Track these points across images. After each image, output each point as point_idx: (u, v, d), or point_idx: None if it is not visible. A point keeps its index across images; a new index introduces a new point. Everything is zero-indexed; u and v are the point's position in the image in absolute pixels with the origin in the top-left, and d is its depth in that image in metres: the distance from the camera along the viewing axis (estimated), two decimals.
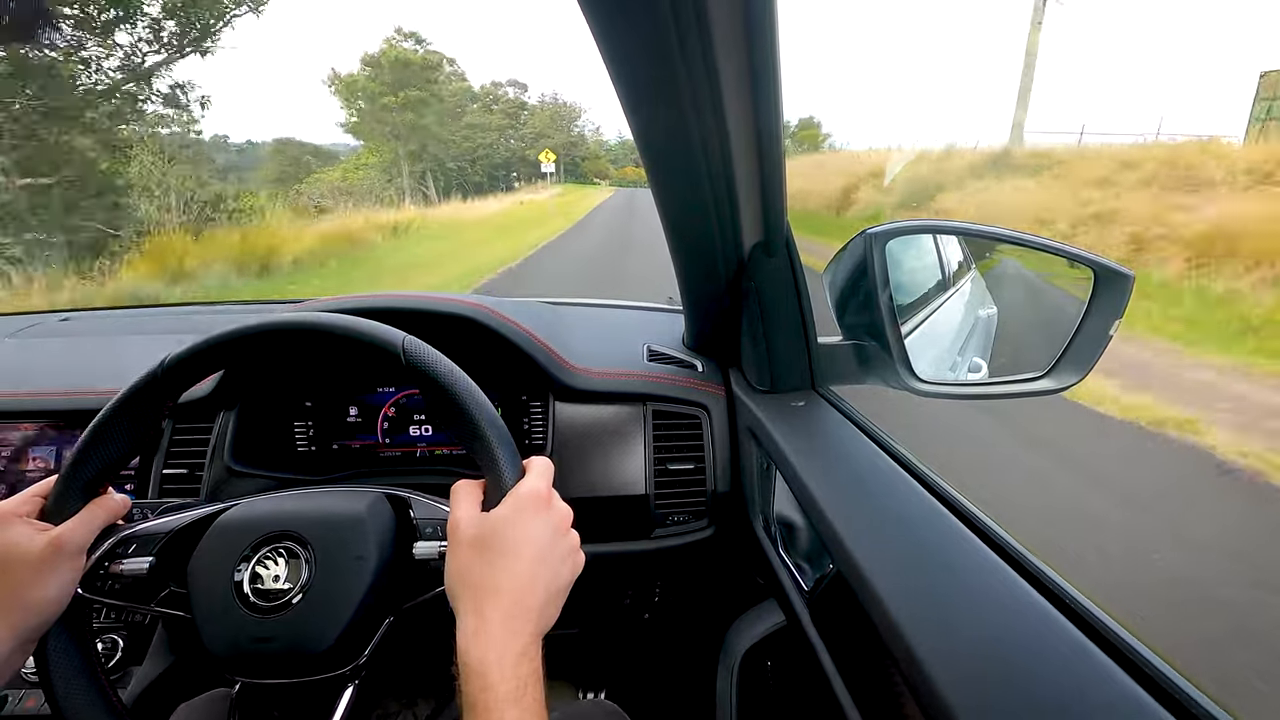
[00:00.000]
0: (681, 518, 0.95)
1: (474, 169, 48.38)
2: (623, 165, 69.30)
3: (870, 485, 0.66)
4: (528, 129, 57.69)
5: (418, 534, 0.57)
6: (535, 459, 0.54)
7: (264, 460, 0.96)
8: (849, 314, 0.90)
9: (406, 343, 0.54)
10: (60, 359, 1.18)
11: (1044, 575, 0.48)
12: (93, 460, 0.54)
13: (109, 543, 0.55)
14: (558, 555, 0.50)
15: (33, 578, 0.49)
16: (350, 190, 24.22)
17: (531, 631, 0.46)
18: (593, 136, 72.32)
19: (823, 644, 0.63)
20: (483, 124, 50.84)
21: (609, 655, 1.26)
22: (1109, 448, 3.32)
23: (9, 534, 0.50)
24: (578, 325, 1.13)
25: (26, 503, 0.53)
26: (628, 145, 63.81)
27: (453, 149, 44.70)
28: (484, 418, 0.52)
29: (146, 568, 0.55)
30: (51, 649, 0.51)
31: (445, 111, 41.76)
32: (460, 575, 0.48)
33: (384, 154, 35.29)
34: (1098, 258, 0.80)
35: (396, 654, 0.58)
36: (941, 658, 0.42)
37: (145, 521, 0.58)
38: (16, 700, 0.87)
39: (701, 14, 0.47)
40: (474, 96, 52.88)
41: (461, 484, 0.53)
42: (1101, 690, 0.38)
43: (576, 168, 66.48)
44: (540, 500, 0.51)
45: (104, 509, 0.55)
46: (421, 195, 33.96)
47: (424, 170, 37.94)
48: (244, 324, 0.56)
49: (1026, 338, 1.10)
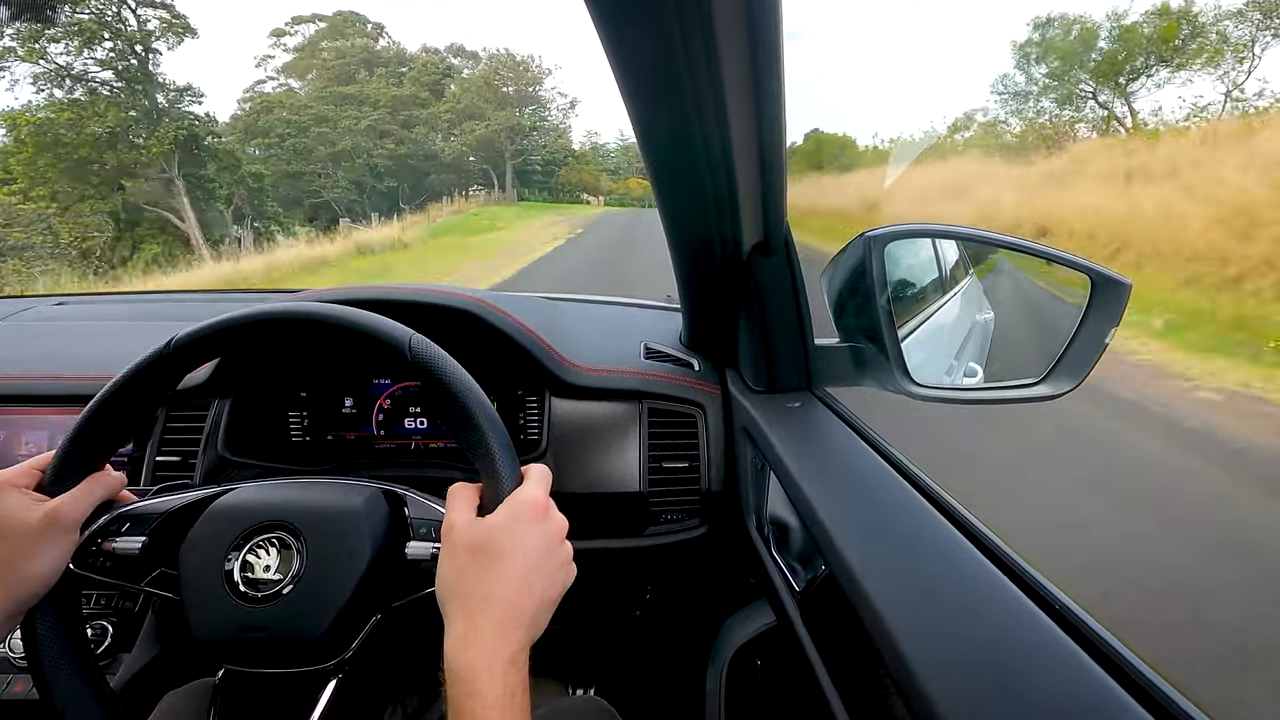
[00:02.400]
0: (675, 516, 0.96)
1: (335, 185, 32.06)
2: (625, 176, 51.36)
3: (864, 488, 0.67)
4: (445, 109, 37.90)
5: (411, 533, 0.57)
6: (534, 466, 0.54)
7: (258, 450, 0.96)
8: (847, 316, 0.90)
9: (414, 340, 0.54)
10: (54, 343, 1.18)
11: (1034, 580, 0.48)
12: (93, 436, 0.54)
13: (103, 519, 0.55)
14: (552, 565, 0.50)
15: (27, 549, 0.49)
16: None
17: (521, 640, 0.46)
18: (586, 140, 54.57)
19: (813, 644, 0.63)
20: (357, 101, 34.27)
21: (599, 652, 1.27)
22: None
23: (6, 504, 0.50)
24: (575, 321, 1.13)
25: (25, 474, 0.53)
26: (631, 151, 50.48)
27: (282, 161, 30.75)
28: (486, 421, 0.52)
29: (139, 547, 0.55)
30: (39, 625, 0.52)
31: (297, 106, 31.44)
32: (452, 580, 0.48)
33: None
34: (1095, 265, 0.80)
35: (385, 649, 0.58)
36: (930, 659, 0.42)
37: (141, 500, 0.58)
38: (4, 684, 0.87)
39: (705, 15, 0.47)
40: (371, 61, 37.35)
41: (458, 487, 0.52)
42: (1087, 693, 0.38)
43: (547, 177, 43.71)
44: (538, 509, 0.50)
45: (101, 485, 0.55)
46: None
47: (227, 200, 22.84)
48: (254, 310, 0.56)
49: (1023, 343, 1.10)
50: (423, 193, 35.64)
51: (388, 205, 32.95)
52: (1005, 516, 0.75)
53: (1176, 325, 5.31)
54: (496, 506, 0.49)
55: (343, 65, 37.66)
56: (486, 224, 22.38)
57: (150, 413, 0.57)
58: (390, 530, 0.57)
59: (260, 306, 0.56)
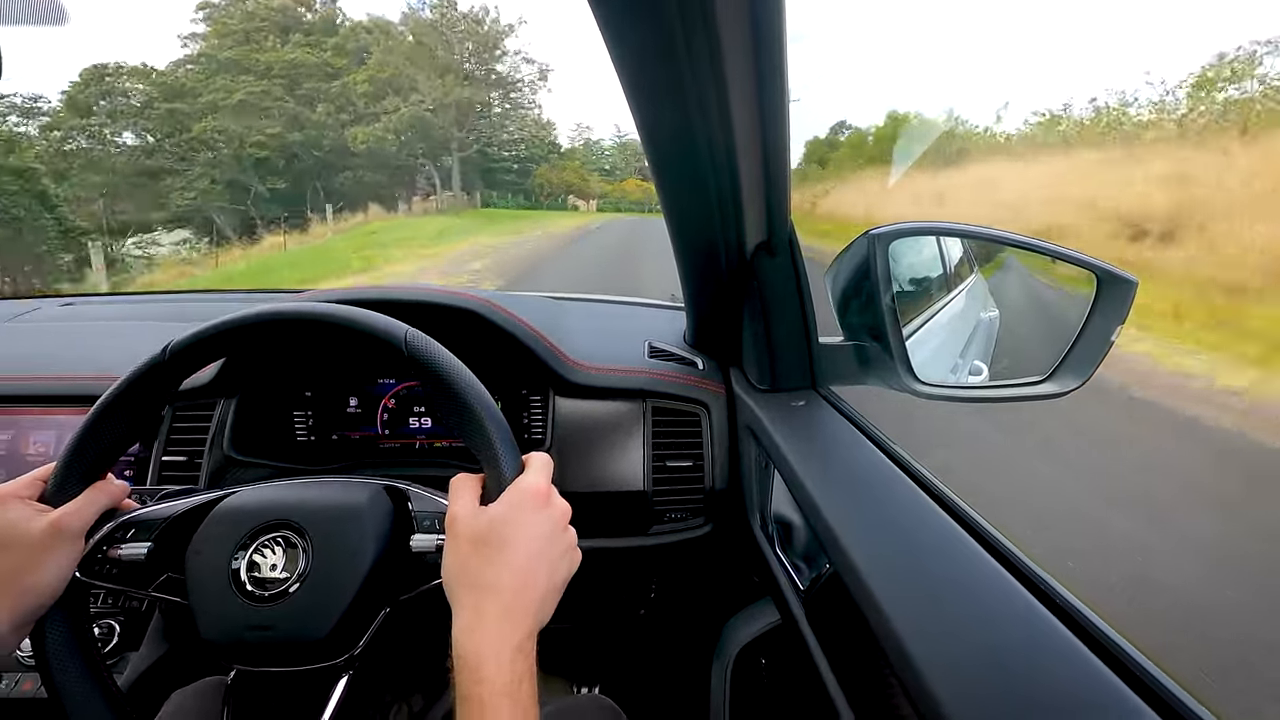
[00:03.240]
0: (679, 515, 0.96)
1: (191, 186, 22.40)
2: (622, 176, 44.62)
3: (869, 486, 0.66)
4: (362, 79, 27.61)
5: (415, 526, 0.57)
6: (535, 454, 0.54)
7: (263, 449, 0.96)
8: (851, 314, 0.89)
9: (409, 335, 0.54)
10: (60, 344, 1.18)
11: (1041, 580, 0.48)
12: (94, 445, 0.54)
13: (108, 527, 0.55)
14: (556, 551, 0.50)
15: (32, 560, 0.50)
16: None
17: (528, 627, 0.46)
18: (578, 134, 46.70)
19: (817, 643, 0.63)
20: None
21: (604, 651, 1.27)
22: None
23: (10, 515, 0.51)
24: (579, 320, 1.13)
25: (28, 486, 0.53)
26: (629, 149, 46.14)
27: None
28: (484, 411, 0.52)
29: (145, 553, 0.55)
30: (49, 632, 0.52)
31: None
32: (458, 570, 0.48)
33: None
34: (1101, 262, 0.79)
35: (392, 646, 0.58)
36: (936, 659, 0.42)
37: (145, 507, 0.58)
38: (13, 683, 0.88)
39: (708, 14, 0.47)
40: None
41: (460, 478, 0.53)
42: (1095, 694, 0.38)
43: (522, 177, 34.50)
44: (540, 496, 0.51)
45: (104, 493, 0.55)
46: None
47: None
48: (248, 312, 0.56)
49: (1028, 341, 1.10)
50: (337, 197, 25.68)
51: (285, 213, 22.75)
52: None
53: None
54: (498, 495, 0.50)
55: (249, 29, 26.74)
56: (370, 256, 13.71)
57: (151, 418, 0.58)
58: (394, 525, 0.57)
59: (257, 307, 0.56)
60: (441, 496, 0.57)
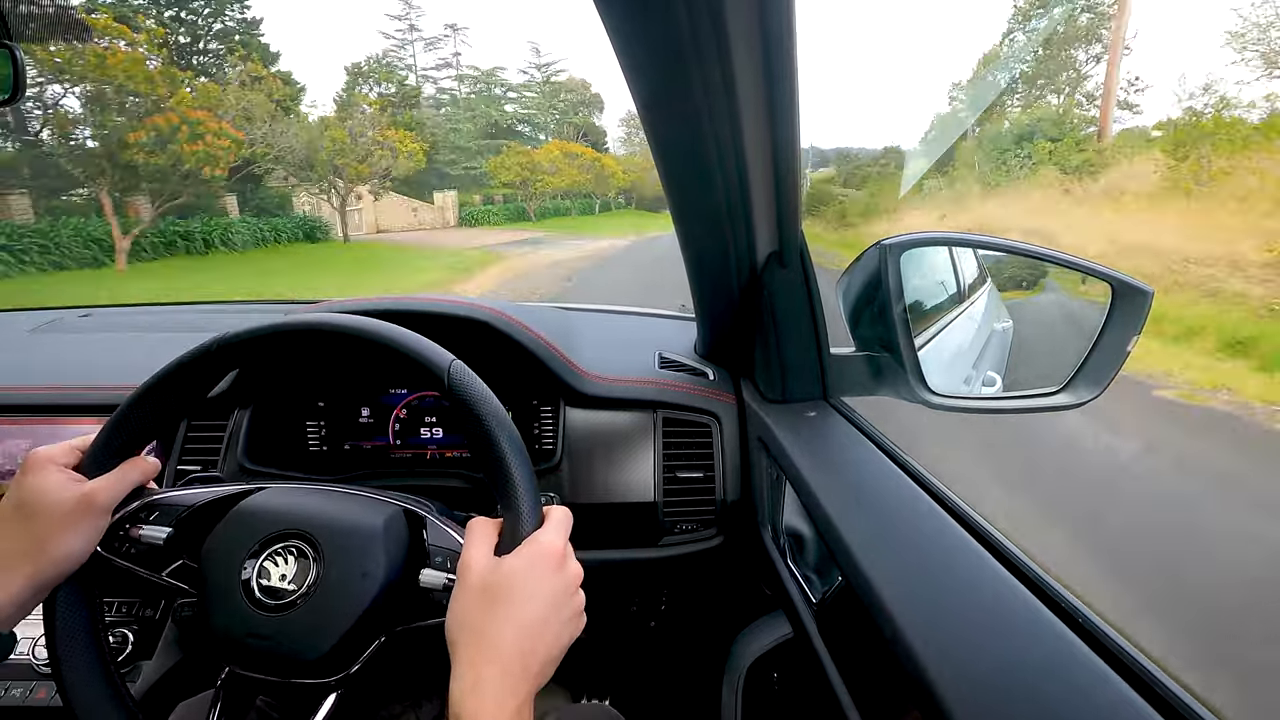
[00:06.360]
0: (690, 526, 0.95)
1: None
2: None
3: (881, 498, 0.66)
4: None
5: (428, 559, 0.56)
6: (555, 509, 0.54)
7: (276, 459, 0.97)
8: (862, 325, 0.89)
9: (453, 368, 0.54)
10: (81, 354, 1.20)
11: (1060, 596, 0.47)
12: (134, 421, 0.56)
13: (134, 505, 0.56)
14: (564, 616, 0.50)
15: (60, 527, 0.51)
16: None
17: (527, 690, 0.45)
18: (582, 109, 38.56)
19: (830, 657, 0.62)
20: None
21: (613, 662, 1.26)
22: None
23: (44, 480, 0.51)
24: (590, 331, 1.14)
25: (66, 453, 0.54)
26: (631, 127, 45.76)
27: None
28: (516, 459, 0.52)
29: (164, 538, 0.56)
30: (61, 602, 0.53)
31: None
32: (463, 619, 0.47)
33: None
34: (1116, 273, 0.79)
35: (401, 656, 0.58)
36: (950, 674, 0.41)
37: (169, 491, 0.59)
38: (28, 690, 0.88)
39: (718, 22, 0.47)
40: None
41: (477, 522, 0.52)
42: (1112, 710, 0.37)
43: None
44: (556, 556, 0.50)
45: (137, 470, 0.56)
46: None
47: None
48: (301, 318, 0.57)
49: (1042, 352, 1.09)
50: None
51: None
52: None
53: None
54: (514, 547, 0.49)
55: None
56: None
57: (188, 406, 0.59)
58: (408, 555, 0.57)
59: (305, 315, 0.57)
60: (458, 532, 0.57)
